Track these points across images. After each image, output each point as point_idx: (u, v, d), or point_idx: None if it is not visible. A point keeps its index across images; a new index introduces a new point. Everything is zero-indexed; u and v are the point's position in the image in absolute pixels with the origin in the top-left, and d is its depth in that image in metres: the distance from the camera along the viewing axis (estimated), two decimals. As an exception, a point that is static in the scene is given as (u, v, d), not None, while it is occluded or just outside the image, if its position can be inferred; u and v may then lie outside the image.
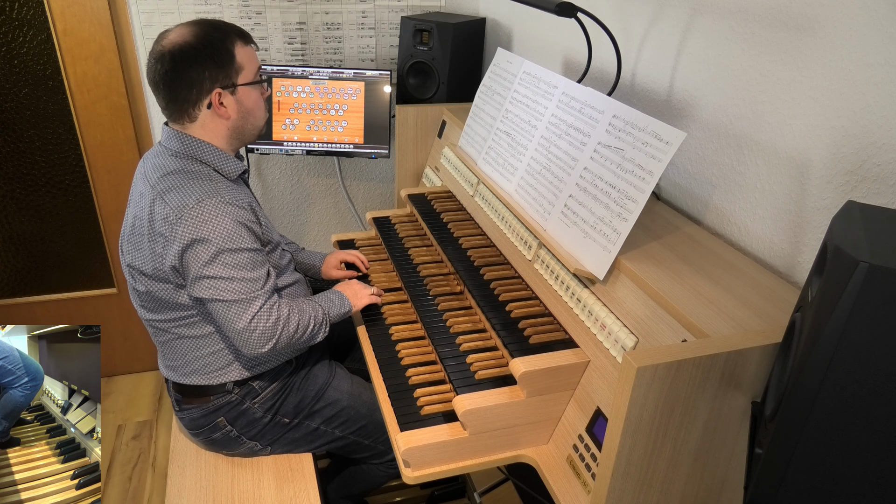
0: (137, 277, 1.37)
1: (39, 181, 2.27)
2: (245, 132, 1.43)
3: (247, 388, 1.47)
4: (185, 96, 1.32)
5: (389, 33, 2.38)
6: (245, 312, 1.31)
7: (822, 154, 1.07)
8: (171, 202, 1.27)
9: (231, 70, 1.34)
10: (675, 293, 1.05)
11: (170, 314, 1.39)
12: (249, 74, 1.38)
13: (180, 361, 1.45)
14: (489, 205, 1.61)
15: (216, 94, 1.33)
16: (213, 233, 1.26)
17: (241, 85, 1.37)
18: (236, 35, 1.37)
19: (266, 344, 1.34)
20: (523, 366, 1.14)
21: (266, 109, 1.47)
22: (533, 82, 1.54)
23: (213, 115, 1.36)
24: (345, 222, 2.69)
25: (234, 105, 1.37)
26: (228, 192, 1.32)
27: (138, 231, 1.34)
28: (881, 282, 0.58)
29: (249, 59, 1.38)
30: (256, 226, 1.35)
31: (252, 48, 1.40)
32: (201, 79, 1.31)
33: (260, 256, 1.35)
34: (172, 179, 1.30)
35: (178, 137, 1.35)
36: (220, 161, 1.38)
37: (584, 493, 1.08)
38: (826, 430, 0.65)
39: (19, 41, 2.08)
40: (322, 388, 1.55)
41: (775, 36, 1.14)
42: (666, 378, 0.84)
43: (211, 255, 1.27)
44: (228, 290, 1.29)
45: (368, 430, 1.59)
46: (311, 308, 1.43)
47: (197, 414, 1.48)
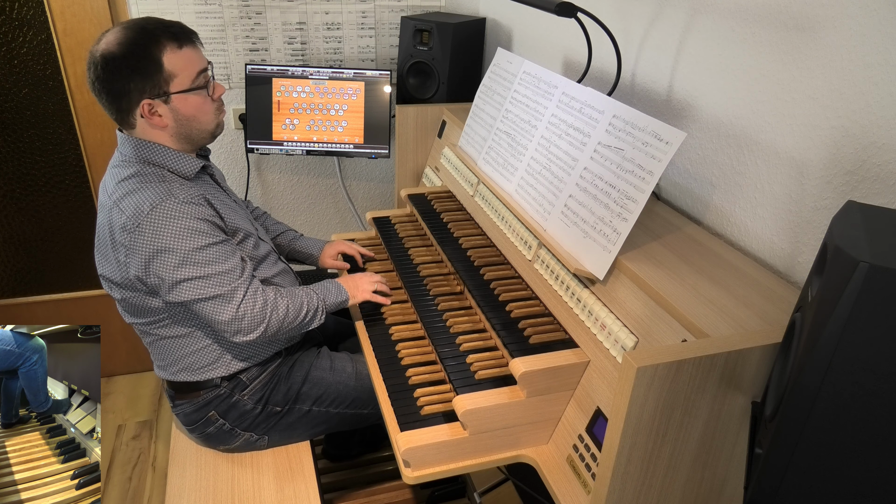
0: (111, 287, 1.38)
1: (39, 181, 2.27)
2: (192, 136, 1.37)
3: (235, 381, 1.48)
4: (118, 106, 1.29)
5: (389, 33, 2.38)
6: (230, 303, 1.30)
7: (821, 154, 1.07)
8: (127, 210, 1.25)
9: (158, 79, 1.27)
10: (675, 293, 1.05)
11: (146, 318, 1.40)
12: (185, 80, 1.30)
13: (167, 361, 1.46)
14: (489, 205, 1.61)
15: (146, 105, 1.28)
16: (175, 239, 1.25)
17: (174, 93, 1.30)
18: (168, 38, 1.28)
19: (256, 329, 1.33)
20: (523, 366, 1.14)
21: (217, 109, 1.39)
22: (533, 82, 1.54)
23: (147, 124, 1.31)
24: (345, 222, 2.69)
25: (170, 113, 1.31)
26: (183, 190, 1.29)
27: (102, 241, 1.33)
28: (881, 282, 0.58)
29: (185, 63, 1.30)
30: (217, 219, 1.33)
31: (188, 51, 1.31)
32: (127, 90, 1.26)
33: (228, 247, 1.33)
34: (126, 185, 1.28)
35: (128, 142, 1.33)
36: (174, 161, 1.34)
37: (583, 493, 1.08)
38: (826, 430, 0.65)
39: (19, 41, 2.08)
40: (307, 371, 1.55)
41: (775, 36, 1.14)
42: (666, 378, 0.84)
43: (179, 261, 1.25)
44: (208, 287, 1.28)
45: (363, 401, 1.58)
46: (304, 293, 1.43)
47: (189, 409, 1.48)
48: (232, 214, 1.41)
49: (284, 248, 1.77)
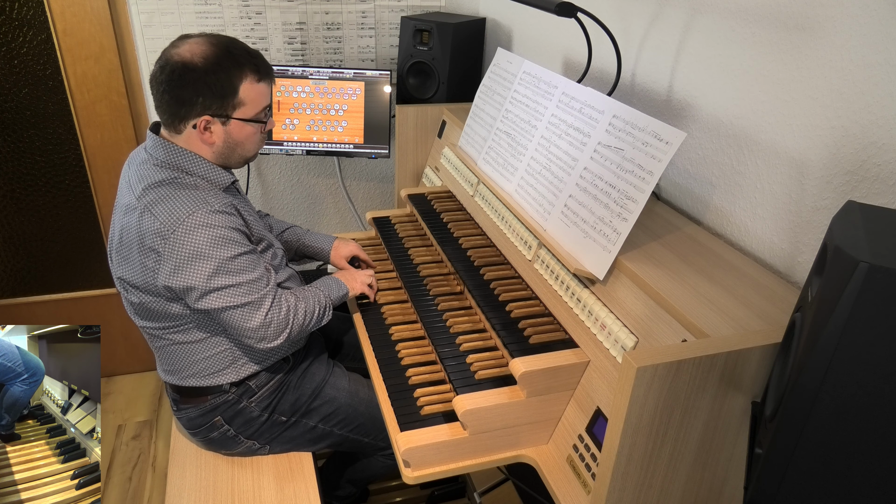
0: (129, 289, 1.37)
1: (39, 181, 2.27)
2: (231, 159, 1.40)
3: (243, 388, 1.47)
4: (175, 111, 1.29)
5: (389, 33, 2.38)
6: (258, 311, 1.32)
7: (821, 154, 1.07)
8: (161, 216, 1.25)
9: (228, 103, 1.31)
10: (675, 293, 1.05)
11: (163, 322, 1.39)
12: (250, 111, 1.34)
13: (177, 366, 1.44)
14: (489, 205, 1.61)
15: (203, 121, 1.30)
16: (210, 247, 1.25)
17: (235, 119, 1.33)
18: (251, 70, 1.31)
19: (281, 335, 1.36)
20: (523, 366, 1.14)
21: (260, 142, 1.42)
22: (533, 82, 1.54)
23: (197, 137, 1.33)
24: (345, 222, 2.69)
25: (223, 135, 1.34)
26: (216, 199, 1.30)
27: (126, 244, 1.32)
28: (881, 282, 0.58)
29: (258, 96, 1.34)
30: (246, 228, 1.35)
31: (263, 86, 1.35)
32: (193, 102, 1.28)
33: (256, 255, 1.35)
34: (159, 191, 1.28)
35: (163, 147, 1.33)
36: (208, 172, 1.35)
37: (583, 493, 1.08)
38: (826, 430, 0.65)
39: (19, 41, 2.08)
40: (319, 385, 1.55)
41: (775, 36, 1.14)
42: (666, 378, 0.84)
43: (213, 269, 1.26)
44: (238, 295, 1.29)
45: (367, 428, 1.59)
46: (313, 294, 1.45)
47: (194, 413, 1.48)
48: (258, 225, 1.43)
49: (293, 244, 1.75)
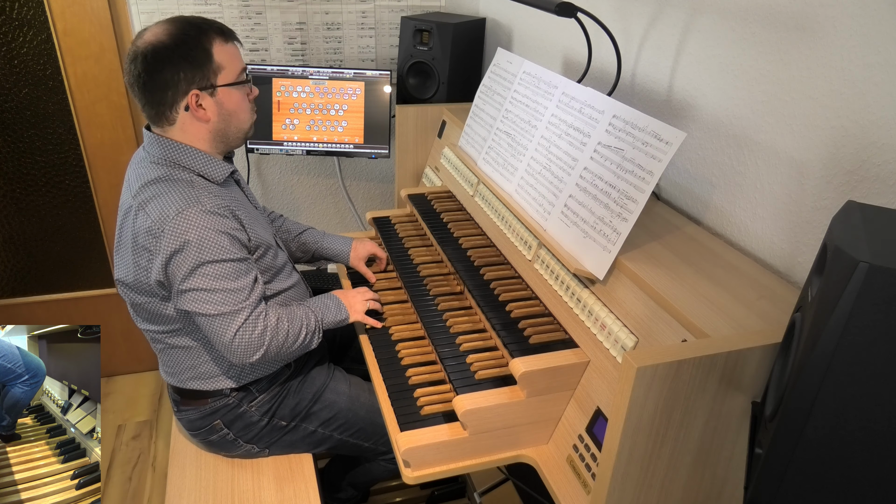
0: (124, 291, 1.36)
1: (39, 181, 2.27)
2: (229, 135, 1.37)
3: (244, 392, 1.47)
4: (161, 98, 1.27)
5: (389, 33, 2.38)
6: (230, 325, 1.27)
7: (821, 154, 1.07)
8: (152, 214, 1.24)
9: (208, 70, 1.28)
10: (675, 293, 1.05)
11: (159, 326, 1.38)
12: (231, 74, 1.32)
13: (177, 369, 1.44)
14: (489, 205, 1.61)
15: (193, 96, 1.27)
16: (194, 245, 1.23)
17: (220, 86, 1.30)
18: (215, 32, 1.29)
19: (253, 355, 1.31)
20: (523, 366, 1.14)
21: (252, 110, 1.40)
22: (533, 82, 1.54)
23: (192, 118, 1.30)
24: (345, 222, 2.69)
25: (214, 107, 1.31)
26: (210, 199, 1.27)
27: (123, 244, 1.32)
28: (881, 282, 0.58)
29: (231, 57, 1.32)
30: (241, 233, 1.31)
31: (234, 46, 1.33)
32: (176, 80, 1.25)
33: (244, 265, 1.30)
34: (153, 189, 1.26)
35: (158, 142, 1.31)
36: (205, 165, 1.33)
37: (583, 493, 1.08)
38: (826, 430, 0.65)
39: (19, 41, 2.08)
40: (319, 390, 1.54)
41: (775, 36, 1.14)
42: (666, 378, 0.84)
43: (191, 267, 1.23)
44: (211, 303, 1.26)
45: (367, 433, 1.58)
46: (303, 314, 1.40)
47: (194, 416, 1.48)
48: (255, 225, 1.39)
49: (311, 246, 1.73)
